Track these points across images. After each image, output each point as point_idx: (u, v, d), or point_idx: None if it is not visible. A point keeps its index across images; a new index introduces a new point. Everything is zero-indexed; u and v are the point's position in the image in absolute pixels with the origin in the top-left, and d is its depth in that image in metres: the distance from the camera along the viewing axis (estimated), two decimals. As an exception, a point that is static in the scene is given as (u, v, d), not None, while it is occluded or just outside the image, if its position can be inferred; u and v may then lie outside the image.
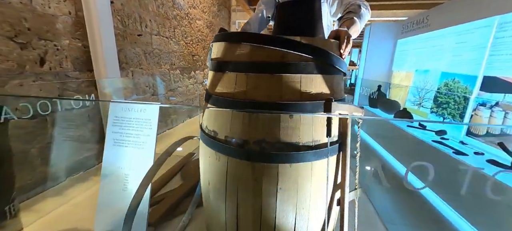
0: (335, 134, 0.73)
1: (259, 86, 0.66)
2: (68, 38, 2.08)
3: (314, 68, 0.66)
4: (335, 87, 0.73)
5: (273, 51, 0.64)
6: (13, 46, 1.69)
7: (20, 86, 1.74)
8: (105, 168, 1.06)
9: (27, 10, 1.76)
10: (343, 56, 0.76)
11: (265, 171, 0.67)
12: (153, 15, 3.25)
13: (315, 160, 0.68)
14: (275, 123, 0.65)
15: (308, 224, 0.73)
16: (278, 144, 0.66)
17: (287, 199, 0.69)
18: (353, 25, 0.92)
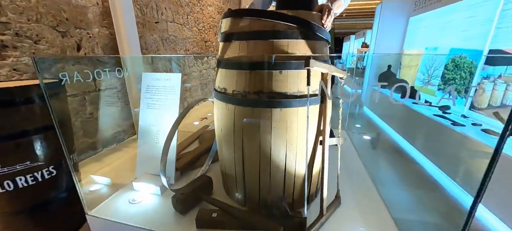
0: (316, 87, 0.95)
1: (256, 50, 0.89)
2: (97, 26, 2.41)
3: (298, 35, 0.87)
4: (318, 50, 0.94)
5: (266, 22, 0.87)
6: (56, 34, 2.03)
7: (63, 69, 2.10)
8: (141, 126, 1.37)
9: (64, 2, 2.08)
10: (325, 26, 0.96)
11: (262, 114, 0.91)
12: (168, 3, 3.51)
13: (299, 106, 0.91)
14: (269, 77, 0.89)
15: (296, 157, 0.97)
16: (271, 93, 0.90)
17: (279, 136, 0.93)
18: (336, 2, 1.11)
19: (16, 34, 1.75)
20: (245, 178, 1.04)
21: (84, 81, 1.64)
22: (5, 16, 1.68)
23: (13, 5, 1.72)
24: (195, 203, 1.10)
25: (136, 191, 1.25)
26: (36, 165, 1.17)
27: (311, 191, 1.13)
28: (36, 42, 1.89)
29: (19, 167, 1.13)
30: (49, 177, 1.22)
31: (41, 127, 1.17)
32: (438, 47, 3.04)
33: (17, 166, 1.12)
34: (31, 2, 1.83)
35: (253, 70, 0.90)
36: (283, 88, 0.90)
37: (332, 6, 1.05)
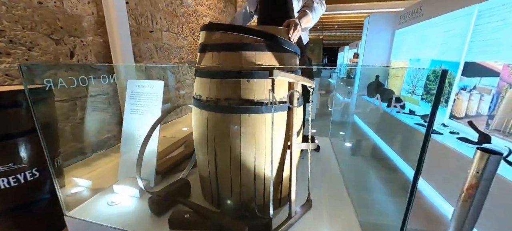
0: (283, 95, 1.02)
1: (227, 60, 0.96)
2: (91, 35, 2.49)
3: (264, 47, 0.94)
4: (284, 61, 1.01)
5: (235, 36, 0.94)
6: (50, 41, 2.10)
7: (55, 75, 2.15)
8: (124, 131, 1.42)
9: (60, 11, 2.16)
10: (292, 39, 1.04)
11: (231, 120, 0.97)
12: (163, 13, 3.62)
13: (267, 113, 0.97)
14: (237, 85, 0.95)
15: (265, 161, 1.03)
16: (240, 100, 0.96)
17: (248, 141, 0.99)
18: (305, 16, 1.19)
19: (10, 41, 1.82)
20: (218, 181, 1.09)
21: (68, 86, 1.70)
22: (0, 24, 1.75)
23: (9, 14, 1.79)
24: (170, 205, 1.14)
25: (116, 193, 1.28)
26: (19, 167, 1.20)
27: (283, 194, 1.17)
28: (30, 49, 1.95)
29: (2, 168, 1.16)
30: (32, 179, 1.25)
31: (25, 130, 1.22)
32: (421, 59, 3.15)
33: (0, 168, 1.16)
34: (26, 11, 1.91)
35: (224, 78, 0.96)
36: (251, 95, 0.96)
37: (301, 21, 1.13)
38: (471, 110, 2.22)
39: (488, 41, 2.06)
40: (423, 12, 3.10)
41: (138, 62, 3.12)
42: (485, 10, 2.11)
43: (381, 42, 4.10)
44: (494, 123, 1.94)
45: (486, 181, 0.54)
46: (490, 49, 2.03)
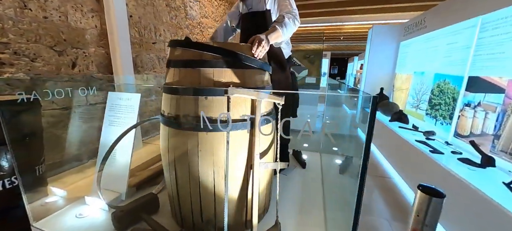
0: (246, 114, 0.97)
1: (186, 77, 0.94)
2: (94, 46, 2.60)
3: (223, 64, 0.91)
4: (248, 78, 0.97)
5: (194, 52, 0.92)
6: (52, 53, 2.20)
7: (55, 84, 2.25)
8: (102, 142, 1.43)
9: (64, 25, 2.28)
10: (256, 55, 1.00)
11: (189, 137, 0.94)
12: (167, 25, 3.74)
13: (225, 131, 0.93)
14: (195, 102, 0.92)
15: (225, 181, 0.98)
16: (198, 117, 0.93)
17: (206, 159, 0.95)
18: (274, 32, 1.14)
19: (15, 53, 1.93)
20: (179, 199, 1.05)
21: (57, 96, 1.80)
22: (6, 37, 1.87)
23: (15, 28, 1.91)
24: (135, 220, 1.12)
25: (87, 205, 1.28)
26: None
27: (249, 216, 1.11)
28: (33, 60, 2.06)
29: None
30: (10, 186, 1.28)
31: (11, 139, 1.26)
32: (425, 72, 2.98)
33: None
34: (32, 25, 2.03)
35: (182, 95, 0.94)
36: (209, 113, 0.92)
37: (269, 37, 1.09)
38: (476, 128, 2.04)
39: (492, 55, 1.90)
40: (426, 24, 2.96)
41: (139, 72, 3.22)
42: (489, 22, 1.96)
43: (385, 54, 3.95)
44: (500, 143, 1.75)
45: (429, 227, 0.45)
46: (495, 64, 1.87)
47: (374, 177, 2.51)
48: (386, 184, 2.37)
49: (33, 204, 1.23)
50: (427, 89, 2.89)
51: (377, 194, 2.21)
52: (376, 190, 2.30)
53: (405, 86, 3.53)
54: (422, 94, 3.01)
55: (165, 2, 3.66)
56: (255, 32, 1.37)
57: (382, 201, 2.07)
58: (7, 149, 1.27)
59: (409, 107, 3.32)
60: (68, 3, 2.29)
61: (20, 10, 1.94)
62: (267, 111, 1.07)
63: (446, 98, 2.47)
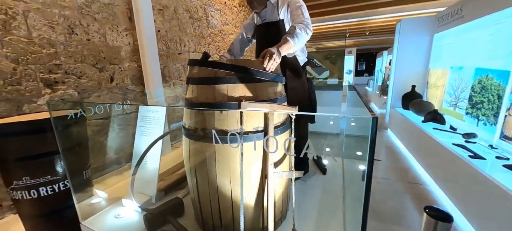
0: (260, 125, 1.01)
1: (202, 93, 1.02)
2: (128, 61, 2.88)
3: (236, 80, 0.97)
4: (260, 91, 1.01)
5: (209, 70, 0.99)
6: (94, 70, 2.51)
7: (98, 97, 2.56)
8: (134, 150, 1.60)
9: (103, 44, 2.58)
10: (267, 68, 1.03)
11: (207, 148, 1.01)
12: (190, 36, 3.96)
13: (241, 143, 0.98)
14: (211, 116, 0.99)
15: (242, 189, 1.03)
16: (215, 130, 0.99)
17: (223, 168, 1.01)
18: (285, 43, 1.16)
19: (65, 72, 2.25)
20: (200, 204, 1.13)
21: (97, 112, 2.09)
22: (58, 59, 2.19)
23: (65, 51, 2.23)
24: (163, 222, 1.23)
25: (124, 206, 1.44)
26: (55, 179, 1.47)
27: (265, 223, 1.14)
28: (79, 78, 2.37)
29: (42, 179, 1.44)
30: (64, 188, 1.51)
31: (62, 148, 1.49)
32: (464, 67, 2.69)
33: (41, 179, 1.44)
34: (78, 48, 2.34)
35: (200, 109, 1.02)
36: (224, 126, 0.98)
37: (281, 49, 1.11)
38: (527, 129, 1.79)
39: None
40: (463, 13, 2.66)
41: (167, 82, 3.47)
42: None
43: (416, 48, 3.64)
44: (557, 148, 1.52)
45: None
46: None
47: (405, 183, 2.35)
48: (419, 191, 2.20)
49: (80, 204, 1.44)
50: (466, 86, 2.61)
51: (408, 202, 2.07)
52: (407, 196, 2.15)
53: (440, 83, 3.22)
54: (460, 91, 2.72)
55: (188, 15, 3.89)
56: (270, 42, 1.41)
57: (413, 210, 1.93)
58: (60, 157, 1.50)
59: (446, 106, 3.03)
60: (106, 25, 2.59)
61: (69, 35, 2.26)
62: (280, 121, 1.10)
63: (490, 95, 2.20)
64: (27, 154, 1.38)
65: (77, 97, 2.33)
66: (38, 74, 2.07)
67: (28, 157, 1.39)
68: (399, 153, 3.11)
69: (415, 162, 2.76)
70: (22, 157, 1.39)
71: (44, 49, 2.10)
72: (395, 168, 2.70)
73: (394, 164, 2.81)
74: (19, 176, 1.39)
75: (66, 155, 1.50)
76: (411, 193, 2.18)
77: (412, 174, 2.54)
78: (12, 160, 1.38)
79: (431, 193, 2.15)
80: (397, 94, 3.98)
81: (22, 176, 1.39)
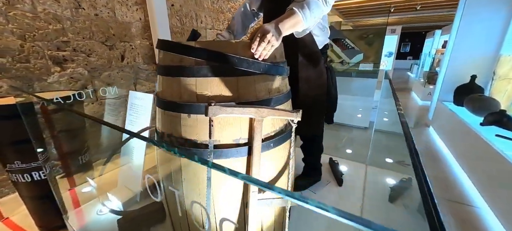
0: (243, 137, 0.72)
1: (168, 87, 0.74)
2: (139, 39, 2.72)
3: (208, 71, 0.66)
4: (243, 88, 0.70)
5: (174, 56, 0.70)
6: (104, 48, 2.40)
7: (108, 76, 2.48)
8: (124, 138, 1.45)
9: (112, 20, 2.43)
10: (257, 55, 0.70)
11: (173, 161, 0.76)
12: (208, 11, 3.65)
13: (215, 159, 0.70)
14: (177, 121, 0.72)
15: (215, 215, 0.78)
16: (181, 139, 0.73)
17: (191, 190, 0.76)
18: (290, 17, 0.78)
19: (74, 50, 2.17)
20: (172, 222, 0.92)
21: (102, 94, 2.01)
22: (66, 36, 2.10)
23: (72, 27, 2.13)
24: (139, 228, 1.08)
25: (110, 201, 1.33)
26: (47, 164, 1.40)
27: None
28: (88, 55, 2.29)
29: (33, 164, 1.38)
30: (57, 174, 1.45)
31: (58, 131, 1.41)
32: (560, 54, 1.93)
33: (32, 164, 1.38)
34: (86, 23, 2.22)
35: (165, 110, 0.75)
36: (193, 134, 0.71)
37: (282, 26, 0.76)
38: None
39: None
40: None
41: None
42: None
43: (486, 27, 2.80)
44: None
45: None
46: None
47: (448, 202, 1.87)
48: (466, 216, 1.72)
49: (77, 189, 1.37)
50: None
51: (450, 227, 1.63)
52: (446, 220, 1.70)
53: (514, 74, 2.45)
54: (547, 88, 2.00)
55: (206, -13, 3.54)
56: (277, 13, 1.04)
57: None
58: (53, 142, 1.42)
59: (520, 104, 2.30)
60: (115, -2, 2.42)
61: (75, 9, 2.13)
62: (275, 130, 0.78)
63: None
64: (17, 138, 1.32)
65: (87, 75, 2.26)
66: (46, 51, 2.01)
67: (18, 142, 1.32)
68: (442, 160, 2.54)
69: (464, 175, 2.20)
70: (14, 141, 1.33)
71: (51, 25, 2.01)
72: (435, 176, 2.19)
73: (433, 173, 2.28)
74: (12, 159, 1.34)
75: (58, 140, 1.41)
76: (454, 216, 1.72)
77: (458, 190, 2.02)
78: (5, 143, 1.33)
79: (483, 221, 1.66)
80: (448, 85, 3.22)
81: (14, 159, 1.34)
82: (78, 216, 1.25)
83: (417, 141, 2.98)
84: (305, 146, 1.40)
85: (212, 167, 0.39)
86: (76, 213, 1.28)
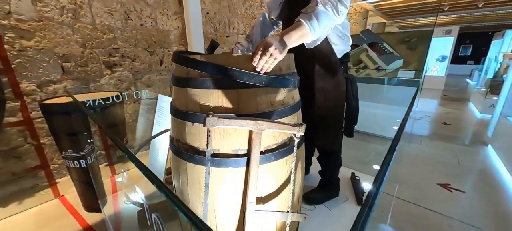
0: (241, 148, 0.72)
1: (178, 97, 0.80)
2: (176, 45, 2.98)
3: (211, 83, 0.69)
4: (243, 101, 0.70)
5: (182, 68, 0.75)
6: (146, 54, 2.69)
7: (148, 78, 2.77)
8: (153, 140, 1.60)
9: (154, 29, 2.71)
10: (258, 68, 0.69)
11: (180, 165, 0.82)
12: (241, 17, 3.77)
13: (213, 167, 0.73)
14: (183, 128, 0.77)
15: (216, 220, 0.80)
16: (186, 145, 0.78)
17: (193, 193, 0.80)
18: (295, 30, 0.74)
19: (122, 55, 2.49)
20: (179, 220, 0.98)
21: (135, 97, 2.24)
22: (116, 44, 2.43)
23: (122, 36, 2.45)
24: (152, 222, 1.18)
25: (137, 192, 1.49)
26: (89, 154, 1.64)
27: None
28: (133, 60, 2.60)
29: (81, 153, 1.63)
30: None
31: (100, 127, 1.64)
32: None
33: (80, 153, 1.63)
34: (132, 32, 2.53)
35: (175, 117, 0.81)
36: (196, 142, 0.75)
37: (287, 38, 0.73)
38: None
39: None
40: None
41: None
42: None
43: None
44: None
45: None
46: None
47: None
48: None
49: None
50: None
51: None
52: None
53: None
54: None
55: (240, -6, 3.67)
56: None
57: None
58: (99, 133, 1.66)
59: None
60: (157, 9, 2.69)
61: (125, 21, 2.45)
62: (278, 142, 0.77)
63: None
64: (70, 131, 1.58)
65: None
66: (101, 57, 2.36)
67: (71, 134, 1.58)
68: (502, 188, 2.10)
69: None
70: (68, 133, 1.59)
71: (105, 35, 2.35)
72: (491, 212, 1.82)
73: (491, 204, 1.90)
74: (66, 147, 1.61)
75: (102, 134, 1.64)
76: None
77: None
78: (61, 134, 1.60)
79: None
80: (516, 97, 2.67)
81: (68, 148, 1.60)
82: (111, 202, 1.43)
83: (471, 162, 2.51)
84: (322, 158, 1.33)
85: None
86: (110, 199, 1.46)
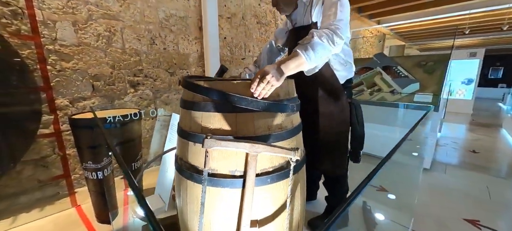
0: (238, 169, 0.74)
1: (183, 118, 0.86)
2: (195, 66, 3.17)
3: (212, 107, 0.74)
4: (241, 124, 0.74)
5: (188, 92, 0.82)
6: (166, 75, 2.89)
7: (167, 97, 2.95)
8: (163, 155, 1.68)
9: (175, 53, 2.93)
10: (256, 94, 0.73)
11: (181, 183, 0.85)
12: (256, 41, 3.96)
13: (210, 186, 0.75)
14: (186, 147, 0.82)
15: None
16: (187, 164, 0.82)
17: (192, 210, 0.82)
18: (292, 59, 0.78)
19: (145, 76, 2.71)
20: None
21: (151, 115, 2.40)
22: (141, 65, 2.66)
23: (146, 59, 2.69)
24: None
25: (146, 205, 1.54)
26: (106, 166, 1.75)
27: None
28: (155, 80, 2.81)
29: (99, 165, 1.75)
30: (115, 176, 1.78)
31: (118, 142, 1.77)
32: None
33: (98, 165, 1.74)
34: (156, 55, 2.77)
35: (180, 136, 0.87)
36: (196, 161, 0.79)
37: (284, 67, 0.77)
38: None
39: None
40: None
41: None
42: None
43: None
44: None
45: None
46: None
47: None
48: None
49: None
50: None
51: None
52: None
53: None
54: None
55: (256, 20, 3.89)
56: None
57: None
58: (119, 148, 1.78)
59: None
60: (180, 35, 2.94)
61: (150, 45, 2.70)
62: (274, 166, 0.78)
63: None
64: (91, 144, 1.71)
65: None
66: (126, 77, 2.59)
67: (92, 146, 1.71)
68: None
69: None
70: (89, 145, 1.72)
71: (132, 57, 2.60)
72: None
73: None
74: (87, 159, 1.73)
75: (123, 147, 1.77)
76: None
77: None
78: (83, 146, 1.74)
79: None
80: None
81: (88, 160, 1.73)
82: (121, 215, 1.49)
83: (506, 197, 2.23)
84: (328, 183, 1.30)
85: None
86: (121, 212, 1.53)
